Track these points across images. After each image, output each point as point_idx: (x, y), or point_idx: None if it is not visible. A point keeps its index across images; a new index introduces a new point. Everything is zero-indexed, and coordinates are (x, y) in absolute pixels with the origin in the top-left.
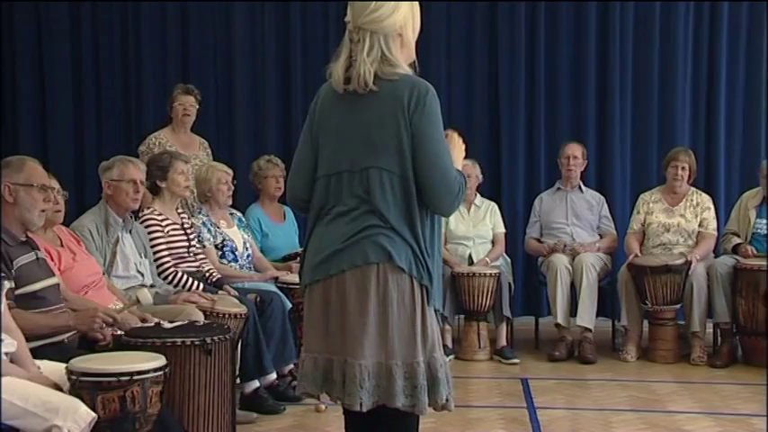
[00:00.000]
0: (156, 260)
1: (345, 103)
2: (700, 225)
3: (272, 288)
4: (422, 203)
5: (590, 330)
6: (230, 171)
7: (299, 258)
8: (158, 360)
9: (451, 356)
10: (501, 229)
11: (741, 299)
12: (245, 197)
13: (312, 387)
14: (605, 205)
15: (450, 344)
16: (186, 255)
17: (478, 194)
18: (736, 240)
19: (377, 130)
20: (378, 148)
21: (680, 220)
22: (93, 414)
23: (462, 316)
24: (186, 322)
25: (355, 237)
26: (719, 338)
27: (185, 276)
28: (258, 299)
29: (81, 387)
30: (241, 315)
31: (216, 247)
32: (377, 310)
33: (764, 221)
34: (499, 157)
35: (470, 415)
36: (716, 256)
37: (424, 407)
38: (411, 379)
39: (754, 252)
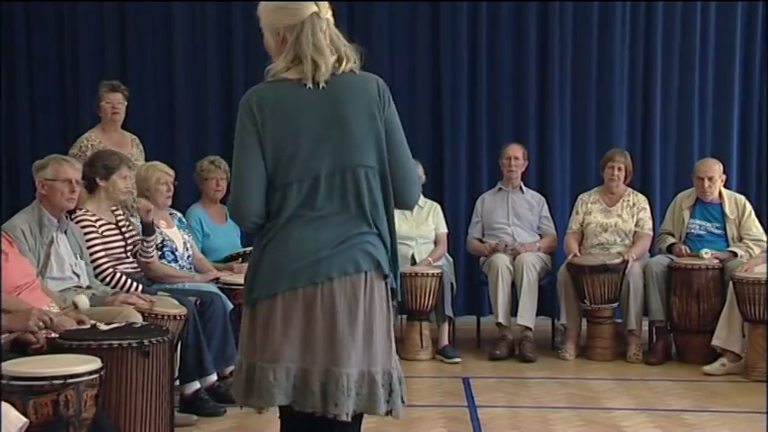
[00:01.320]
0: (92, 261)
1: (310, 102)
2: (636, 225)
3: (213, 289)
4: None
5: (530, 329)
6: (171, 172)
7: (240, 259)
8: (93, 363)
9: None
10: (443, 230)
11: (675, 297)
12: (186, 197)
13: (281, 397)
14: (545, 205)
15: None
16: (123, 255)
17: (421, 195)
18: (671, 240)
19: (357, 126)
20: (359, 145)
21: (617, 220)
22: (25, 419)
23: (404, 316)
24: (123, 324)
25: (345, 243)
26: (654, 336)
27: (123, 277)
28: (197, 301)
29: (12, 391)
30: (180, 316)
31: (156, 247)
32: (364, 319)
33: (697, 222)
34: (441, 158)
35: (412, 414)
36: (651, 256)
37: (401, 410)
38: (388, 385)
39: (688, 251)
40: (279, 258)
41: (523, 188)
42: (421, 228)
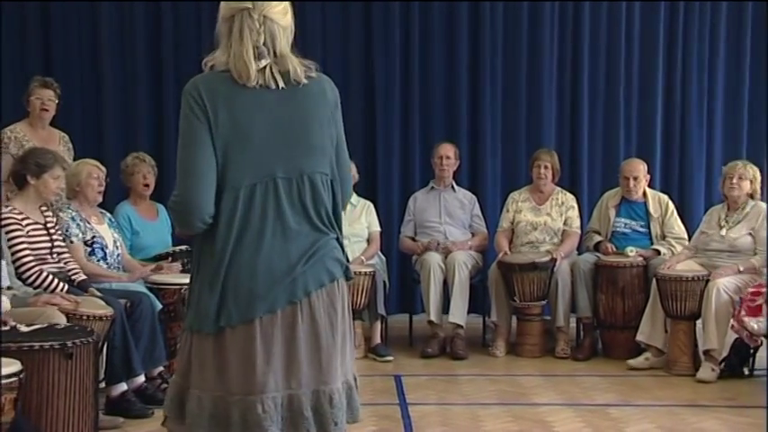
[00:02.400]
0: (15, 260)
1: (267, 100)
2: (564, 223)
3: (142, 288)
4: None
5: (461, 327)
6: (102, 167)
7: (170, 258)
8: (12, 365)
9: None
10: (376, 228)
11: (602, 294)
12: (114, 196)
13: (274, 429)
14: (477, 204)
15: None
16: (48, 256)
17: (354, 193)
18: (598, 238)
19: (315, 130)
20: (316, 151)
21: (546, 218)
22: None
23: None
24: (45, 325)
25: (317, 254)
26: (582, 332)
27: (50, 277)
28: (128, 304)
29: None
30: (106, 317)
31: (85, 243)
32: (341, 328)
33: (623, 220)
34: (375, 157)
35: None
36: (579, 254)
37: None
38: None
39: (614, 249)
40: (249, 279)
41: (455, 187)
42: (354, 226)
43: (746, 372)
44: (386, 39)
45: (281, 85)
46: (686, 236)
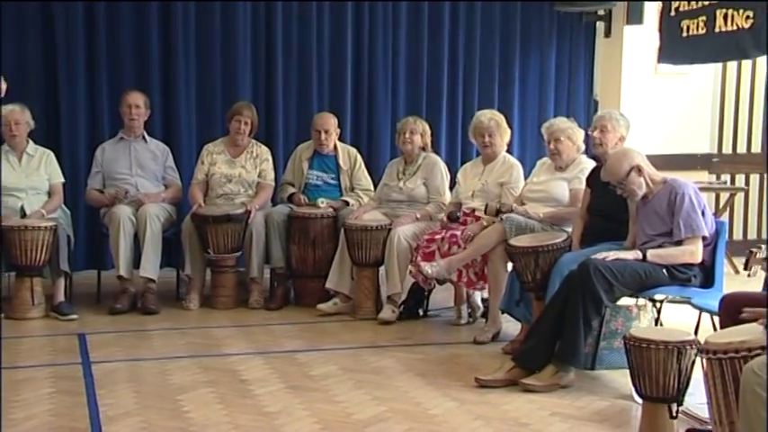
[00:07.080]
0: None
1: None
2: (259, 176)
3: None
4: None
5: (153, 281)
6: None
7: None
8: None
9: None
10: (59, 179)
11: (294, 245)
12: None
13: None
14: (170, 155)
15: None
16: None
17: (31, 142)
18: (291, 190)
19: None
20: None
21: (241, 170)
22: None
23: (13, 273)
24: None
25: None
26: (275, 282)
27: None
28: None
29: None
30: None
31: None
32: None
33: (315, 172)
34: (57, 104)
35: (17, 376)
36: (273, 205)
37: None
38: None
39: (306, 201)
40: None
41: (147, 137)
42: (32, 178)
43: (421, 313)
44: None
45: None
46: (372, 187)
